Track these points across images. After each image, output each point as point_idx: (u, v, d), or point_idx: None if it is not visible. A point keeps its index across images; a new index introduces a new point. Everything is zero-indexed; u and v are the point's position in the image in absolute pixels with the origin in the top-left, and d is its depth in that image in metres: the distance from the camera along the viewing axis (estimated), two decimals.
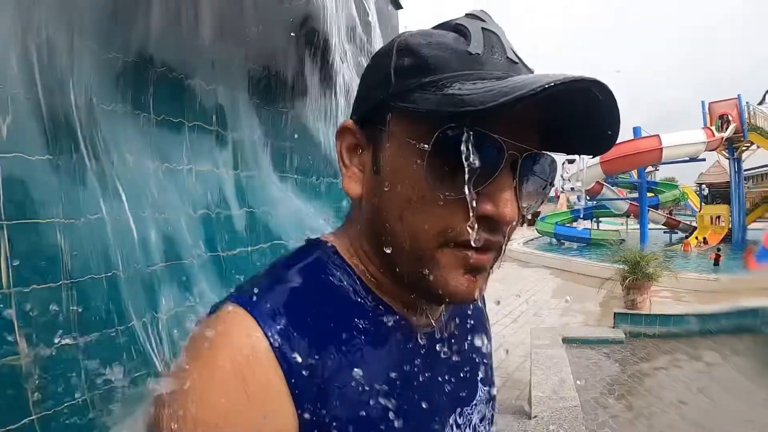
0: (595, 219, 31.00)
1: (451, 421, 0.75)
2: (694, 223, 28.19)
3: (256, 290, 0.63)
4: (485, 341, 0.87)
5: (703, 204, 29.35)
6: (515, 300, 11.09)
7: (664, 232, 29.35)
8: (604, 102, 0.58)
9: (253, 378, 0.56)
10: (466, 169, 0.57)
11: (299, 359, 0.59)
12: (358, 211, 0.71)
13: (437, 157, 0.59)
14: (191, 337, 0.61)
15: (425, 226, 0.61)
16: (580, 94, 0.56)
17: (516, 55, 0.63)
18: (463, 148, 0.56)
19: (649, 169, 26.89)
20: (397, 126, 0.63)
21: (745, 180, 27.07)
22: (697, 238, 25.59)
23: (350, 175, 0.70)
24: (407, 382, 0.69)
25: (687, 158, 20.24)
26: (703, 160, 21.20)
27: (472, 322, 0.86)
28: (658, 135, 19.12)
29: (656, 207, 28.03)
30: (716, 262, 17.73)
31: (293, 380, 0.58)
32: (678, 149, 19.18)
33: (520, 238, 27.20)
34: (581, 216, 28.93)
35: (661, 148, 18.78)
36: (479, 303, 0.87)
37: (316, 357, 0.61)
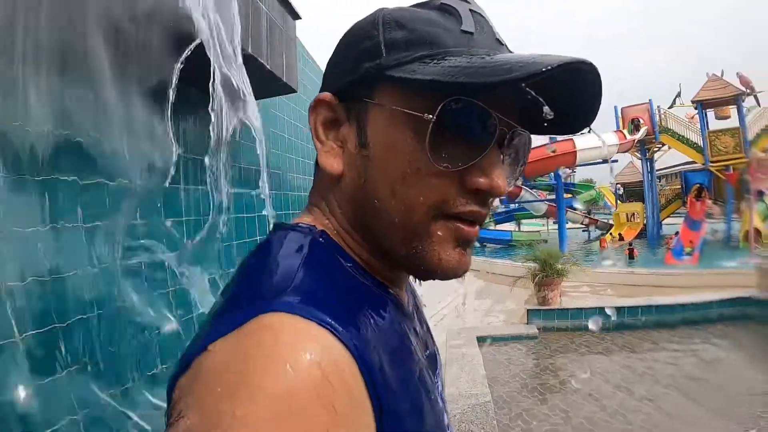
0: (516, 221, 31.94)
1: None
2: (611, 221, 29.50)
3: (287, 286, 0.55)
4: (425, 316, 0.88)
5: (618, 202, 30.72)
6: (438, 304, 11.24)
7: (582, 231, 30.56)
8: (592, 85, 0.61)
9: (341, 399, 0.48)
10: (469, 142, 0.60)
11: (374, 361, 0.54)
12: (336, 189, 0.68)
13: (438, 128, 0.59)
14: (242, 341, 0.49)
15: (420, 198, 0.61)
16: (577, 75, 0.59)
17: (500, 36, 0.65)
18: (468, 120, 0.59)
19: (568, 171, 27.93)
20: (388, 98, 0.62)
21: (658, 179, 28.47)
22: (612, 234, 26.84)
23: (327, 151, 0.67)
24: (419, 359, 0.67)
25: (601, 160, 21.00)
26: (616, 161, 22.08)
27: (414, 297, 0.86)
28: (572, 139, 19.78)
29: (574, 207, 29.09)
30: (631, 256, 18.65)
31: (374, 388, 0.52)
32: (591, 152, 19.92)
33: None
34: (504, 218, 29.86)
35: (575, 151, 19.52)
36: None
37: (378, 354, 0.55)
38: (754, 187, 14.85)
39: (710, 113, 25.89)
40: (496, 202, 32.55)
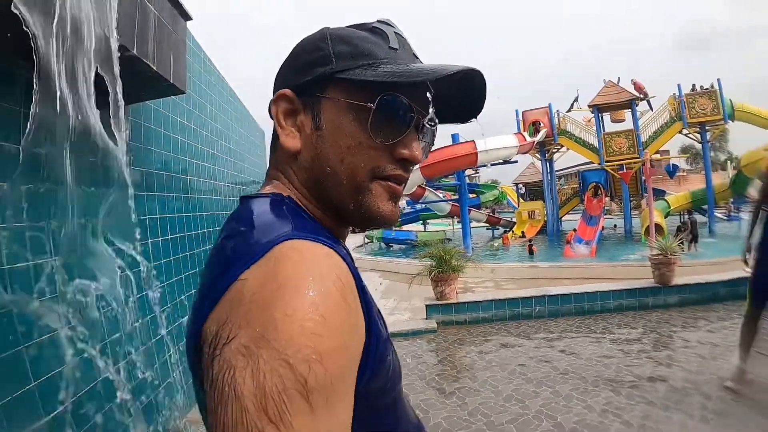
0: (421, 221, 32.34)
1: None
2: (514, 219, 30.46)
3: (289, 227, 0.72)
4: None
5: (521, 201, 31.79)
6: None
7: (487, 229, 31.38)
8: (479, 86, 0.87)
9: (351, 295, 0.67)
10: (397, 123, 0.81)
11: (359, 278, 0.73)
12: (295, 163, 0.85)
13: (377, 114, 0.78)
14: (276, 262, 0.64)
15: (362, 164, 0.80)
16: (471, 79, 0.83)
17: (416, 52, 0.88)
18: (396, 109, 0.80)
19: (471, 173, 28.59)
20: (337, 93, 0.80)
21: (557, 178, 29.69)
22: (513, 232, 27.67)
23: (288, 134, 0.84)
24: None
25: (501, 161, 21.50)
26: (516, 162, 22.73)
27: None
28: (473, 140, 20.18)
29: (478, 207, 29.82)
30: (531, 252, 19.24)
31: (362, 294, 0.71)
32: (492, 153, 20.30)
33: (350, 245, 27.37)
34: (410, 218, 30.23)
35: (477, 153, 19.80)
36: None
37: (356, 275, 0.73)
38: (649, 186, 15.73)
39: (606, 116, 27.27)
40: (402, 203, 33.09)
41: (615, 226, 28.88)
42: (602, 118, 26.43)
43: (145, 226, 3.47)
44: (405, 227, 30.95)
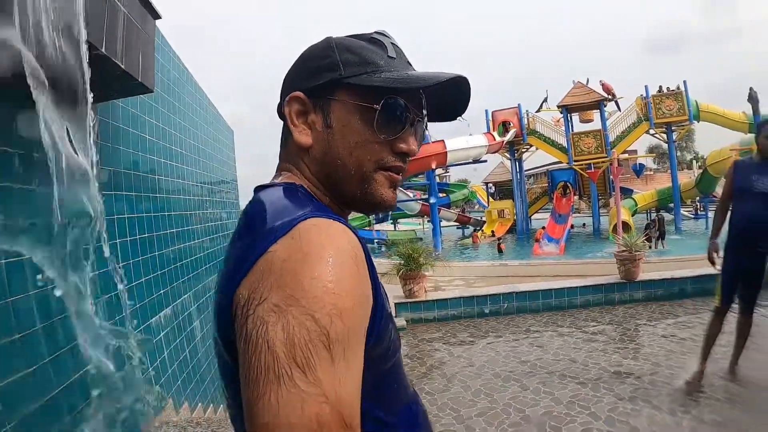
0: (391, 221, 32.39)
1: None
2: (484, 218, 30.69)
3: (309, 208, 0.82)
4: None
5: (491, 200, 32.05)
6: None
7: (457, 228, 31.57)
8: (464, 90, 0.98)
9: (362, 266, 0.77)
10: (398, 122, 0.92)
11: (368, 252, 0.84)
12: (306, 157, 0.96)
13: (381, 114, 0.89)
14: (301, 235, 0.74)
15: (368, 157, 0.92)
16: (458, 84, 0.95)
17: (409, 60, 1.00)
18: (399, 108, 0.91)
19: (442, 172, 28.76)
20: (345, 96, 0.91)
21: (526, 177, 29.99)
22: (483, 231, 27.89)
23: (301, 131, 0.94)
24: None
25: (471, 160, 21.62)
26: (485, 161, 22.91)
27: None
28: (443, 140, 20.28)
29: (448, 206, 29.98)
30: (500, 251, 19.39)
31: (370, 269, 0.81)
32: (462, 152, 20.46)
33: None
34: (382, 218, 30.22)
35: (446, 152, 19.91)
36: None
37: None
38: (616, 184, 15.96)
39: (575, 117, 27.64)
40: None
41: (584, 224, 29.30)
42: (571, 118, 26.80)
43: (113, 227, 3.40)
44: (376, 226, 30.99)
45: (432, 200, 21.85)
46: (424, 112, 0.98)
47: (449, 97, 1.00)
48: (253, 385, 0.65)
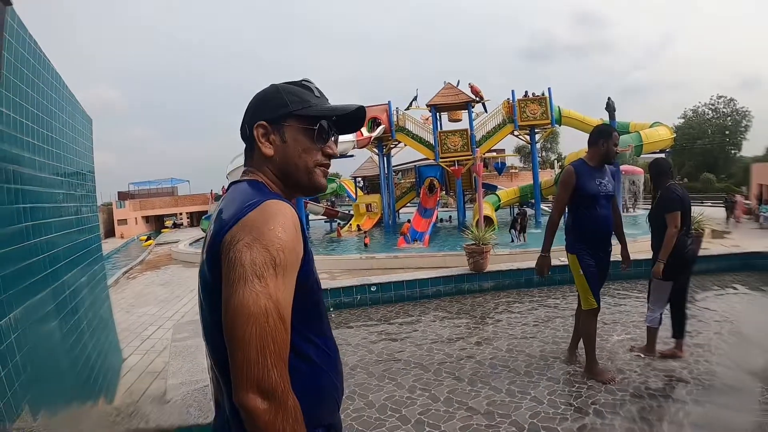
0: None
1: None
2: (351, 212, 30.92)
3: (268, 193, 1.31)
4: None
5: (359, 194, 32.32)
6: (179, 301, 10.64)
7: (325, 221, 31.65)
8: (361, 114, 1.49)
9: (298, 229, 1.25)
10: (326, 136, 1.44)
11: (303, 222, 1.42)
12: (269, 163, 1.41)
13: (317, 132, 1.40)
14: (264, 208, 1.21)
15: (310, 158, 1.41)
16: (357, 110, 1.47)
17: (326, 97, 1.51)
18: (326, 128, 1.42)
19: None
20: (293, 122, 1.39)
21: (395, 173, 30.43)
22: (350, 225, 28.10)
23: (266, 146, 1.39)
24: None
25: (338, 155, 21.62)
26: (353, 156, 23.02)
27: None
28: None
29: (316, 200, 29.94)
30: (365, 245, 19.57)
31: (303, 234, 1.28)
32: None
33: (186, 239, 26.85)
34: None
35: None
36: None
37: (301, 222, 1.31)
38: (479, 181, 16.54)
39: (445, 116, 28.40)
40: None
41: (450, 217, 30.22)
42: (440, 117, 27.54)
43: None
44: None
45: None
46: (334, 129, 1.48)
47: (352, 117, 1.48)
48: (230, 286, 1.12)
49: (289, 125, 1.39)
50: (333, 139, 1.48)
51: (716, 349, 5.12)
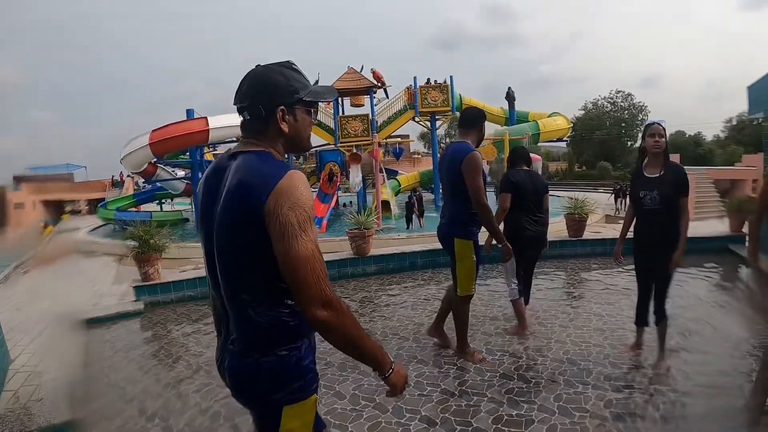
0: (158, 201, 30.85)
1: None
2: None
3: (281, 163, 1.65)
4: None
5: None
6: (75, 295, 9.94)
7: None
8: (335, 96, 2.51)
9: (309, 186, 1.68)
10: (318, 113, 1.94)
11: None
12: (282, 138, 1.74)
13: (315, 111, 1.84)
14: (291, 176, 1.56)
15: (309, 131, 1.83)
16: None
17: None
18: (317, 108, 1.87)
19: (212, 150, 27.98)
20: (301, 105, 1.75)
21: (295, 157, 30.32)
22: None
23: (285, 125, 1.71)
24: None
25: (235, 139, 21.29)
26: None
27: None
28: (206, 117, 19.65)
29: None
30: None
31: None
32: (225, 130, 19.93)
33: (85, 227, 25.67)
34: (146, 198, 28.93)
35: (208, 129, 19.36)
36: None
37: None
38: (377, 166, 16.79)
39: (347, 101, 28.52)
40: (141, 182, 31.35)
41: (351, 202, 30.39)
42: (343, 102, 27.63)
43: None
44: (142, 207, 29.35)
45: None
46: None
47: (330, 97, 1.92)
48: (287, 241, 1.48)
49: (298, 108, 1.75)
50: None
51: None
